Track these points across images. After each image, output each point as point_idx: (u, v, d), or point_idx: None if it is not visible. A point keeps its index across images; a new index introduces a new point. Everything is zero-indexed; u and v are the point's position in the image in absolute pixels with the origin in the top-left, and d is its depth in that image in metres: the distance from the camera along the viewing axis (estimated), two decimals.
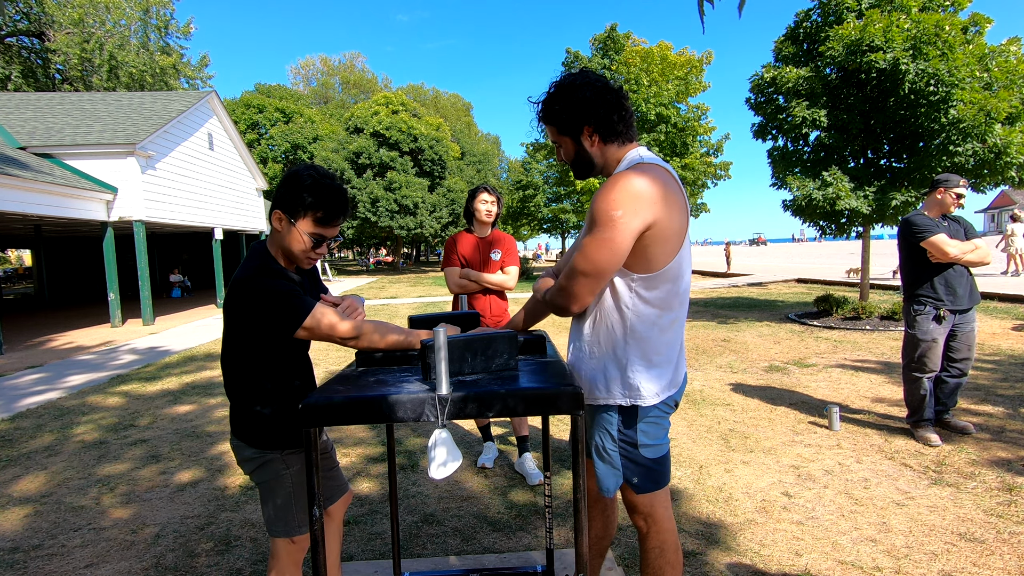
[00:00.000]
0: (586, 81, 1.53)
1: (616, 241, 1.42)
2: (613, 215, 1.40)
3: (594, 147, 1.57)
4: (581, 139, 1.56)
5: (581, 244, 1.49)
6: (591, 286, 1.49)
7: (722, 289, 15.18)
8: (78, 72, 23.02)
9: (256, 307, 1.52)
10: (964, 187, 3.66)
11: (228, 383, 1.67)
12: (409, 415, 1.29)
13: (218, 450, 4.09)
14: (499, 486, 3.30)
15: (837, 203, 7.84)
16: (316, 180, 1.56)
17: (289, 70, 78.59)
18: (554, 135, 1.61)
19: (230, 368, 1.65)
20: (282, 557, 1.69)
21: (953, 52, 7.17)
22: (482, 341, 1.47)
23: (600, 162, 1.59)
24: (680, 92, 17.78)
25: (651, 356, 1.54)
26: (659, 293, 1.51)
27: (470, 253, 3.42)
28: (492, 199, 3.43)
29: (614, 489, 1.63)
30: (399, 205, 27.98)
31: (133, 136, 11.57)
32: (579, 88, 1.52)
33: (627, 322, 1.53)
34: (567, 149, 1.61)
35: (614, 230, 1.41)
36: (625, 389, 1.55)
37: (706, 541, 2.61)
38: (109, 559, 2.65)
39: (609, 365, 1.57)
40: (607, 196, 1.43)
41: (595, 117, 1.52)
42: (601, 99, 1.52)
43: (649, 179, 1.43)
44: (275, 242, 1.64)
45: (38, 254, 18.18)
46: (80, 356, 8.36)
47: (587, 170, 1.62)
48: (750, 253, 42.64)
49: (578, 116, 1.52)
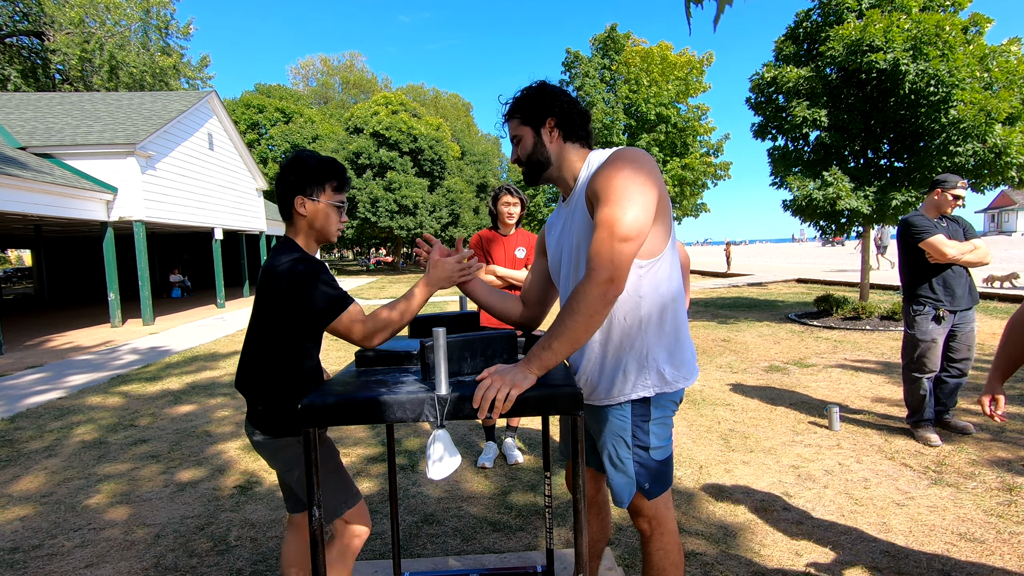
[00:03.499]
0: (553, 85, 1.61)
1: (648, 204, 1.37)
2: (638, 179, 1.37)
3: (553, 143, 1.56)
4: (542, 131, 1.56)
5: (607, 218, 1.35)
6: (633, 253, 1.37)
7: (722, 289, 15.17)
8: (78, 72, 23.01)
9: (298, 294, 1.58)
10: (963, 188, 3.66)
11: (255, 375, 1.68)
12: (408, 415, 1.29)
13: (218, 450, 4.09)
14: (499, 486, 3.30)
15: (837, 203, 7.84)
16: (316, 157, 1.72)
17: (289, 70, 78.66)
18: (515, 128, 1.59)
19: (261, 358, 1.67)
20: (330, 549, 1.73)
21: (953, 52, 7.17)
22: (481, 341, 1.47)
23: (555, 162, 1.57)
24: (680, 92, 17.77)
25: (671, 340, 1.52)
26: (664, 275, 1.49)
27: (495, 251, 3.44)
28: (515, 201, 3.46)
29: (629, 499, 1.58)
30: (399, 205, 27.99)
31: (133, 136, 11.57)
32: (546, 85, 1.59)
33: (642, 311, 1.48)
34: (525, 142, 1.58)
35: (646, 195, 1.37)
36: (648, 379, 1.51)
37: (706, 541, 2.61)
38: (109, 559, 2.64)
39: (627, 360, 1.50)
40: (623, 167, 1.39)
41: (559, 109, 1.54)
42: (566, 96, 1.58)
43: (644, 155, 1.44)
44: (300, 230, 1.72)
45: (38, 254, 18.18)
46: (80, 356, 8.36)
47: (540, 170, 1.59)
48: (750, 253, 42.62)
49: (543, 105, 1.54)
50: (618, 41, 19.24)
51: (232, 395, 5.68)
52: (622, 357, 1.51)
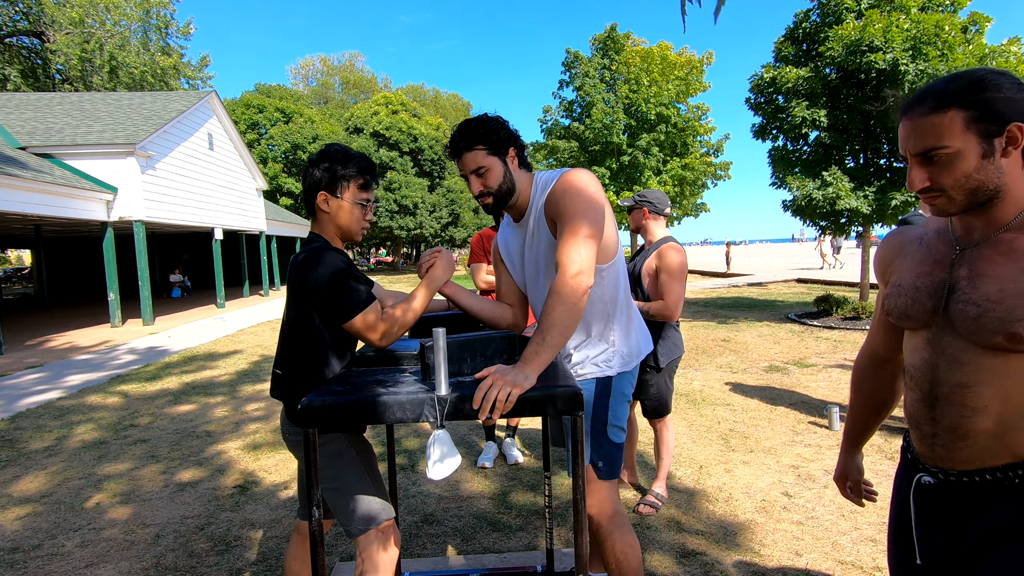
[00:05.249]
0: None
1: (600, 216, 1.56)
2: (599, 195, 1.57)
3: (515, 172, 1.65)
4: (507, 160, 1.63)
5: (576, 224, 1.52)
6: (595, 251, 1.55)
7: (722, 289, 15.18)
8: (78, 72, 23.00)
9: (326, 291, 1.56)
10: None
11: (293, 370, 1.64)
12: (409, 416, 1.29)
13: (218, 450, 4.09)
14: (499, 486, 3.31)
15: (837, 203, 7.85)
16: (345, 152, 1.68)
17: (289, 70, 78.69)
18: (480, 159, 1.59)
19: (299, 352, 1.63)
20: (374, 553, 1.59)
21: (953, 52, 7.18)
22: (481, 341, 1.47)
23: (517, 188, 1.66)
24: (680, 92, 17.78)
25: (628, 326, 1.74)
26: (616, 276, 1.69)
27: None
28: None
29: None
30: (399, 205, 27.99)
31: (133, 136, 11.56)
32: (499, 117, 1.67)
33: (608, 307, 1.69)
34: (495, 173, 1.60)
35: (604, 205, 1.59)
36: (609, 359, 1.70)
37: (706, 541, 2.61)
38: (109, 559, 2.65)
39: (594, 345, 1.71)
40: (583, 184, 1.56)
41: (518, 140, 1.67)
42: (514, 131, 1.70)
43: (589, 174, 1.61)
44: (324, 227, 1.69)
45: (38, 254, 18.17)
46: (80, 356, 8.36)
47: (508, 198, 1.65)
48: (750, 253, 42.61)
49: (508, 135, 1.63)
50: (618, 41, 19.23)
51: (232, 395, 5.68)
52: (588, 344, 1.71)
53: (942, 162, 0.94)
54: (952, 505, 1.03)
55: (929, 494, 1.08)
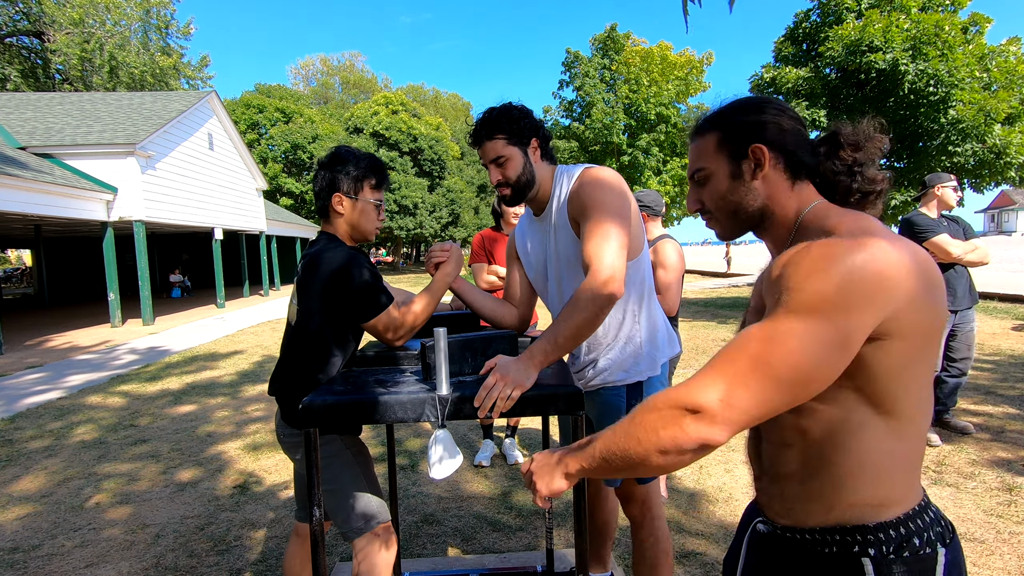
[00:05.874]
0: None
1: (627, 214, 1.51)
2: (624, 190, 1.53)
3: (536, 163, 1.60)
4: (528, 151, 1.58)
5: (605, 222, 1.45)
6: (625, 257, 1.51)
7: (722, 289, 15.18)
8: (78, 72, 23.00)
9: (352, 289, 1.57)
10: (952, 183, 3.67)
11: (294, 368, 1.63)
12: (410, 415, 1.29)
13: (218, 450, 4.09)
14: (499, 486, 3.31)
15: None
16: (356, 153, 1.71)
17: (289, 70, 78.75)
18: (500, 148, 1.55)
19: (303, 350, 1.62)
20: (371, 555, 1.59)
21: (953, 52, 7.18)
22: (482, 341, 1.47)
23: (537, 180, 1.61)
24: (680, 92, 17.80)
25: (654, 326, 1.68)
26: (642, 274, 1.64)
27: (497, 251, 3.33)
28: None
29: (620, 479, 1.69)
30: (399, 205, 27.99)
31: (133, 136, 11.56)
32: (523, 106, 1.62)
33: (634, 306, 1.64)
34: (515, 163, 1.56)
35: (631, 201, 1.55)
36: (637, 362, 1.64)
37: (706, 541, 2.61)
38: (109, 559, 2.64)
39: (620, 348, 1.64)
40: (608, 179, 1.52)
41: (541, 131, 1.62)
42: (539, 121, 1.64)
43: (611, 171, 1.57)
44: (337, 228, 1.70)
45: (38, 254, 18.16)
46: (80, 356, 8.36)
47: (527, 189, 1.60)
48: (750, 253, 42.62)
49: (531, 125, 1.58)
50: (618, 41, 19.24)
51: (232, 395, 5.68)
52: (616, 346, 1.65)
53: (704, 183, 0.95)
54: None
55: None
